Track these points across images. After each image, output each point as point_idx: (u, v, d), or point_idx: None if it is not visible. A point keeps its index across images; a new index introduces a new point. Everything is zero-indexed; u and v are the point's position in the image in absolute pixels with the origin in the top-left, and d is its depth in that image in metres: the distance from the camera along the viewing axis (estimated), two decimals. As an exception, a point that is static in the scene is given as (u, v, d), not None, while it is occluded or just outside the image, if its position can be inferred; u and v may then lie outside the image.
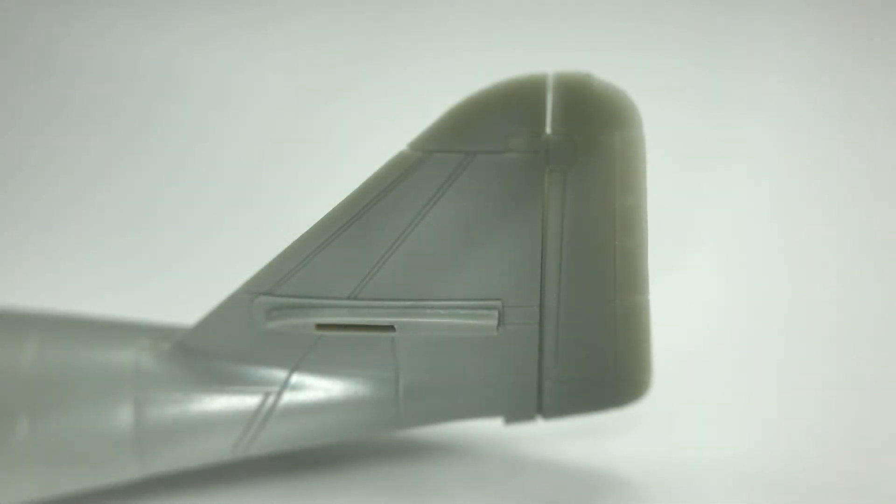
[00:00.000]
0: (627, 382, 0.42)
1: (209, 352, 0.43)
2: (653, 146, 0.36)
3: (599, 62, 0.39)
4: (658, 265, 0.41)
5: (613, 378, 0.42)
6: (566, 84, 0.34)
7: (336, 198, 0.37)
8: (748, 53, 0.76)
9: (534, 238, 0.37)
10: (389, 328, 0.40)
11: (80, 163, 0.78)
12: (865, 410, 0.52)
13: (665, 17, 0.77)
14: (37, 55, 0.80)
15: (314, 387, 0.42)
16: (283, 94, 0.80)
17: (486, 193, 0.36)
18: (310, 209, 0.40)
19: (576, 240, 0.37)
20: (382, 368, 0.42)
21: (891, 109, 0.74)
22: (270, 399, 0.42)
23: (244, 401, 0.42)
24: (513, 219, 0.37)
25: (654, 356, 0.42)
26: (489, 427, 0.45)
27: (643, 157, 0.36)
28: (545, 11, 0.78)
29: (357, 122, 0.77)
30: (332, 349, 0.42)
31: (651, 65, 0.75)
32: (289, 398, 0.42)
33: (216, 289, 0.42)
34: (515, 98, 0.34)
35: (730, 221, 0.71)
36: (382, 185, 0.36)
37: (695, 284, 0.65)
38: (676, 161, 0.72)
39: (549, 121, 0.35)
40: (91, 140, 0.79)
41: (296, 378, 0.42)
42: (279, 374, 0.42)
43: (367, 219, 0.37)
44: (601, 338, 0.40)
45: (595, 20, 0.77)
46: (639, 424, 0.49)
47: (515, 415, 0.44)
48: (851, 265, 0.66)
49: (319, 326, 0.40)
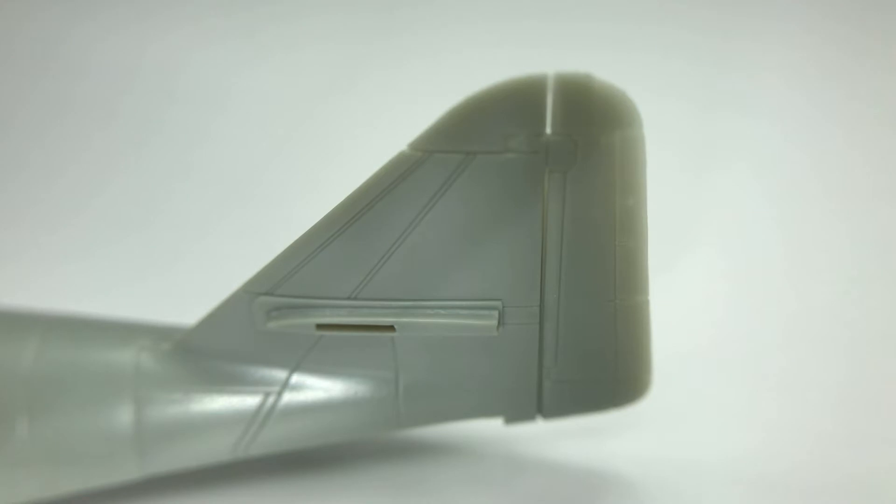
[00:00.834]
0: (627, 382, 0.42)
1: (209, 352, 0.43)
2: (653, 146, 0.36)
3: (599, 62, 0.39)
4: (658, 265, 0.41)
5: (613, 378, 0.42)
6: (566, 84, 0.34)
7: (336, 198, 0.37)
8: (748, 53, 0.76)
9: (534, 238, 0.37)
10: (389, 328, 0.40)
11: (80, 163, 0.78)
12: (865, 410, 0.52)
13: (665, 17, 0.77)
14: (37, 55, 0.81)
15: (314, 387, 0.43)
16: (284, 95, 0.80)
17: (487, 194, 0.36)
18: (310, 209, 0.40)
19: (576, 240, 0.37)
20: (382, 368, 0.42)
21: (891, 109, 0.74)
22: (270, 399, 0.42)
23: (244, 401, 0.42)
24: (513, 219, 0.37)
25: (654, 356, 0.42)
26: (489, 427, 0.45)
27: (643, 157, 0.36)
28: (545, 11, 0.78)
29: (357, 122, 0.77)
30: (333, 349, 0.42)
31: (651, 65, 0.75)
32: (289, 398, 0.42)
33: (216, 289, 0.42)
34: (515, 98, 0.34)
35: (730, 221, 0.71)
36: (382, 186, 0.36)
37: (695, 284, 0.65)
38: (676, 161, 0.72)
39: (549, 121, 0.34)
40: (91, 140, 0.79)
41: (296, 378, 0.42)
42: (279, 375, 0.42)
43: (368, 219, 0.37)
44: (601, 338, 0.40)
45: (595, 20, 0.77)
46: (639, 424, 0.49)
47: (515, 415, 0.44)
48: (851, 265, 0.66)
49: (320, 326, 0.40)
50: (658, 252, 0.40)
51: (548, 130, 0.35)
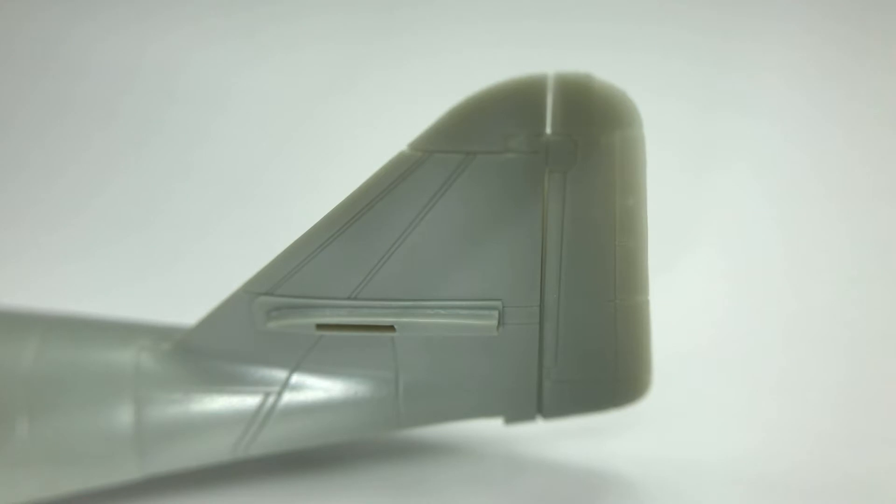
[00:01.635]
0: (627, 383, 0.42)
1: (209, 352, 0.43)
2: (653, 146, 0.36)
3: (599, 62, 0.39)
4: (658, 265, 0.41)
5: (613, 378, 0.42)
6: (566, 84, 0.34)
7: (336, 198, 0.37)
8: (748, 53, 0.76)
9: (534, 238, 0.37)
10: (389, 328, 0.40)
11: (80, 163, 0.78)
12: (865, 410, 0.52)
13: (665, 17, 0.77)
14: (37, 55, 0.81)
15: (314, 387, 0.43)
16: (284, 95, 0.80)
17: (487, 194, 0.36)
18: (310, 209, 0.40)
19: (576, 240, 0.37)
20: (382, 368, 0.42)
21: (891, 109, 0.74)
22: (270, 399, 0.42)
23: (244, 401, 0.42)
24: (513, 219, 0.37)
25: (654, 356, 0.42)
26: (489, 427, 0.45)
27: (643, 157, 0.36)
28: (545, 11, 0.78)
29: (357, 122, 0.77)
30: (333, 349, 0.42)
31: (651, 65, 0.75)
32: (289, 398, 0.42)
33: (216, 289, 0.42)
34: (515, 98, 0.34)
35: (730, 221, 0.71)
36: (382, 186, 0.36)
37: (695, 284, 0.65)
38: (676, 161, 0.72)
39: (549, 121, 0.34)
40: (91, 140, 0.79)
41: (296, 378, 0.42)
42: (279, 375, 0.42)
43: (368, 219, 0.37)
44: (601, 338, 0.40)
45: (595, 20, 0.77)
46: (639, 424, 0.49)
47: (515, 415, 0.44)
48: (851, 265, 0.66)
49: (320, 326, 0.40)
50: (658, 252, 0.40)
51: (548, 130, 0.35)
